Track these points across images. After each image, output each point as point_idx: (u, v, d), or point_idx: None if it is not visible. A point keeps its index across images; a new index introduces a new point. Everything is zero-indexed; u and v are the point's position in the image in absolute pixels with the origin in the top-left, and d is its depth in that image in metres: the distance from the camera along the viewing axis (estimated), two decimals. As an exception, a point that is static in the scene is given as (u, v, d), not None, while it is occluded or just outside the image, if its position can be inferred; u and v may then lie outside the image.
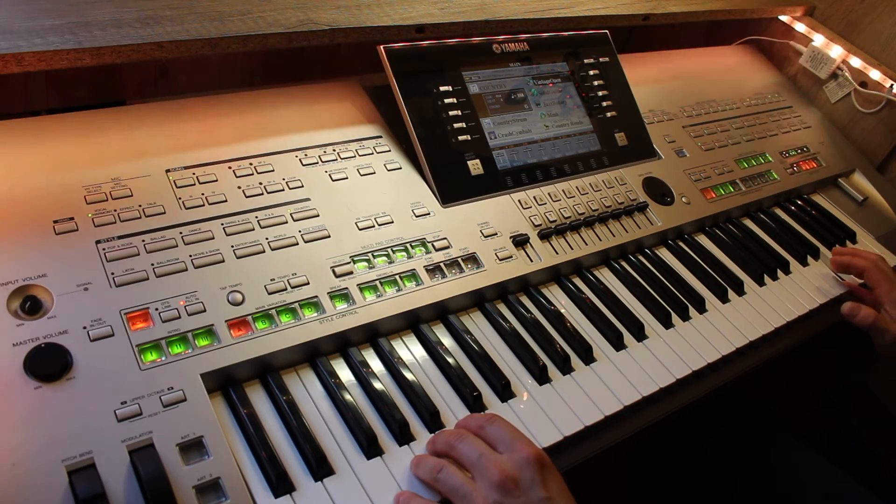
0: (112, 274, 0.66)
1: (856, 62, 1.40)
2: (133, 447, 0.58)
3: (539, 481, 0.59)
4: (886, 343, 0.97)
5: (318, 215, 0.80)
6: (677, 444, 1.07)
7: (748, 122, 1.31)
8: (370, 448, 0.66)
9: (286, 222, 0.78)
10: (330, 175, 0.84)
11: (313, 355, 0.72)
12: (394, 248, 0.81)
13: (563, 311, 0.87)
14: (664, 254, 1.04)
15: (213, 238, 0.73)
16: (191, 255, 0.71)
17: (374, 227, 0.82)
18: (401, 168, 0.89)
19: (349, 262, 0.77)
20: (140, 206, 0.72)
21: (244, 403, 0.65)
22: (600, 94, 1.10)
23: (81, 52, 0.72)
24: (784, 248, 1.13)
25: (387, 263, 0.79)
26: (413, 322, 0.79)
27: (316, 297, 0.73)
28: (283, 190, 0.80)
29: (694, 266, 1.03)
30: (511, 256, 0.87)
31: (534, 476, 0.60)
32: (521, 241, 0.89)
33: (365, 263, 0.78)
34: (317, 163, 0.84)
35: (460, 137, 0.93)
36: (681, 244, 1.06)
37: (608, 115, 1.09)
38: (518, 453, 0.61)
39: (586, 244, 0.94)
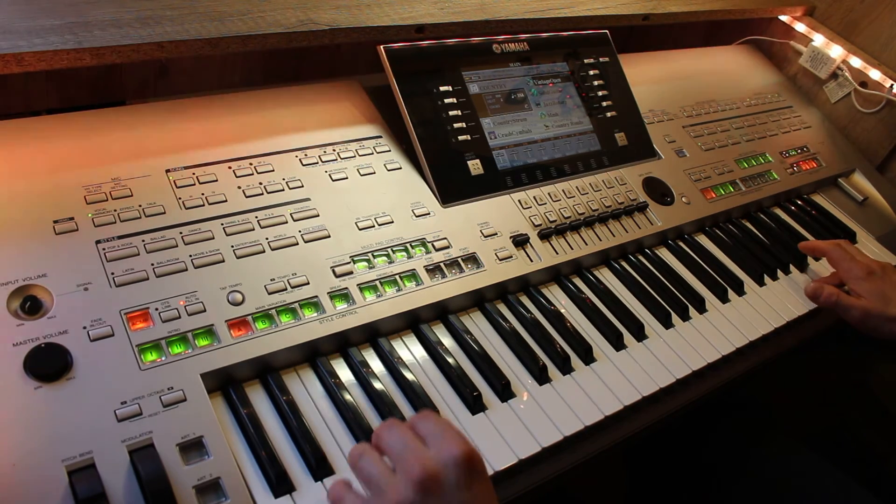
0: (112, 274, 0.66)
1: (856, 62, 1.40)
2: (133, 447, 0.58)
3: (464, 484, 0.53)
4: (855, 319, 0.97)
5: (318, 215, 0.80)
6: (677, 445, 1.07)
7: (748, 122, 1.31)
8: (370, 448, 0.66)
9: (286, 222, 0.78)
10: (330, 175, 0.84)
11: (313, 355, 0.72)
12: (394, 248, 0.81)
13: (563, 311, 0.87)
14: (664, 254, 1.04)
15: (213, 238, 0.73)
16: (191, 255, 0.71)
17: (374, 227, 0.82)
18: (401, 168, 0.89)
19: (349, 262, 0.77)
20: (140, 206, 0.72)
21: (244, 403, 0.65)
22: (600, 94, 1.10)
23: (81, 52, 0.72)
24: (784, 248, 1.13)
25: (387, 263, 0.79)
26: (413, 322, 0.79)
27: (316, 297, 0.73)
28: (283, 190, 0.80)
29: (694, 266, 1.03)
30: (511, 256, 0.87)
31: (458, 477, 0.53)
32: (521, 241, 0.89)
33: (365, 263, 0.78)
34: (317, 163, 0.84)
35: (460, 137, 0.93)
36: (681, 244, 1.06)
37: (608, 115, 1.09)
38: (446, 451, 0.54)
39: (586, 244, 0.94)
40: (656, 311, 0.92)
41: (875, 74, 1.37)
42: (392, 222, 0.83)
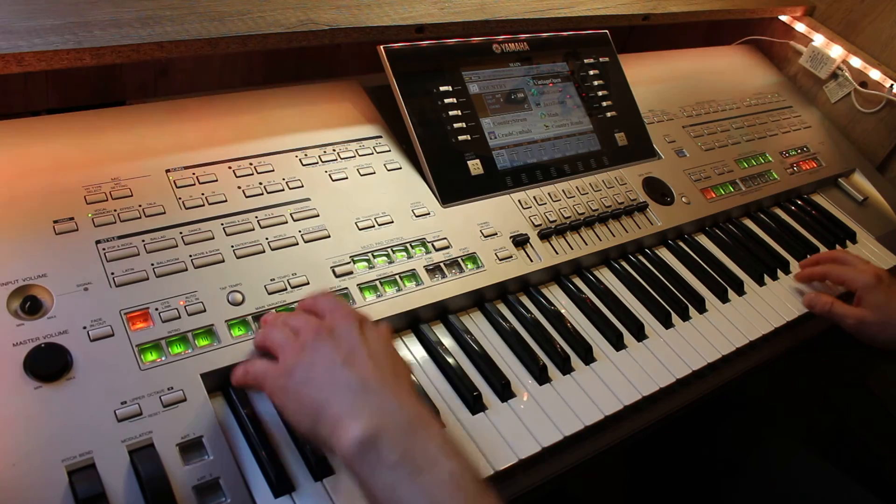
0: (112, 274, 0.66)
1: (856, 62, 1.40)
2: (133, 447, 0.58)
3: (356, 329, 0.62)
4: (850, 327, 0.97)
5: (318, 215, 0.80)
6: (676, 445, 1.07)
7: (748, 122, 1.31)
8: (370, 448, 0.66)
9: (286, 222, 0.78)
10: (330, 175, 0.84)
11: (313, 355, 0.72)
12: (394, 248, 0.81)
13: (563, 311, 0.87)
14: (664, 254, 1.04)
15: (213, 238, 0.73)
16: (191, 255, 0.71)
17: (374, 227, 0.82)
18: (401, 168, 0.89)
19: (349, 262, 0.77)
20: (140, 206, 0.72)
21: (244, 403, 0.65)
22: (600, 94, 1.10)
23: (81, 52, 0.72)
24: (784, 248, 1.13)
25: (387, 263, 0.79)
26: (413, 322, 0.79)
27: (316, 297, 0.73)
28: (283, 190, 0.80)
29: (694, 266, 1.03)
30: (511, 256, 0.87)
31: (350, 325, 0.63)
32: (521, 241, 0.89)
33: (365, 263, 0.78)
34: (317, 163, 0.84)
35: (460, 137, 0.93)
36: (681, 244, 1.06)
37: (608, 115, 1.09)
38: (338, 313, 0.64)
39: (586, 244, 0.94)
40: (656, 311, 0.92)
41: (875, 74, 1.37)
42: (392, 222, 0.83)
